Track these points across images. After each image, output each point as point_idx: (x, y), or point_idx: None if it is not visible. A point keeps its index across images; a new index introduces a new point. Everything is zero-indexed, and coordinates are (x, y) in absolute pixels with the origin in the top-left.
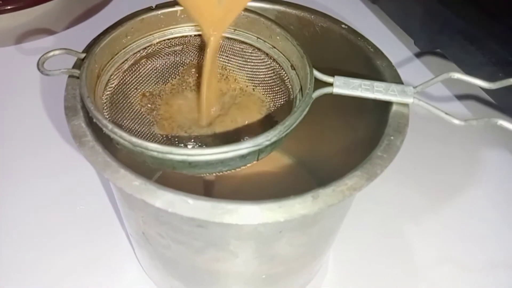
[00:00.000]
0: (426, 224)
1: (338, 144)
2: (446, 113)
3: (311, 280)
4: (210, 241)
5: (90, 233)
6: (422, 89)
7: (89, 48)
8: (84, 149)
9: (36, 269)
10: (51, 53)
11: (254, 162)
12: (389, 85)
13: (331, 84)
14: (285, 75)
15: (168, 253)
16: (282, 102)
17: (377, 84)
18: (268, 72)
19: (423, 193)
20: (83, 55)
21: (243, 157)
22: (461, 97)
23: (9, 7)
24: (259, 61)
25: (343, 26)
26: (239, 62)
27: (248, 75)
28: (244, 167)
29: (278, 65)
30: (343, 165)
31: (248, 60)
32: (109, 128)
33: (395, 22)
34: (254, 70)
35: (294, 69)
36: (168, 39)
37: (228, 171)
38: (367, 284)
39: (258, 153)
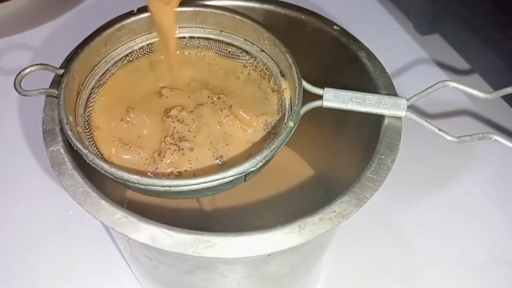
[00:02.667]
0: (422, 220)
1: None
2: (439, 129)
3: (306, 285)
4: (198, 265)
5: (80, 238)
6: (416, 101)
7: (67, 64)
8: (63, 179)
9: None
10: (28, 70)
11: (242, 183)
12: (381, 98)
13: (320, 97)
14: (274, 83)
15: (158, 272)
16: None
17: (368, 96)
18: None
19: (418, 186)
20: (61, 71)
21: (229, 182)
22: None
23: None
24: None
25: (335, 27)
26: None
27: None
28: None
29: (266, 71)
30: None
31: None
32: (89, 158)
33: (395, 5)
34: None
35: (283, 76)
36: (151, 44)
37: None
38: (362, 282)
39: (244, 177)
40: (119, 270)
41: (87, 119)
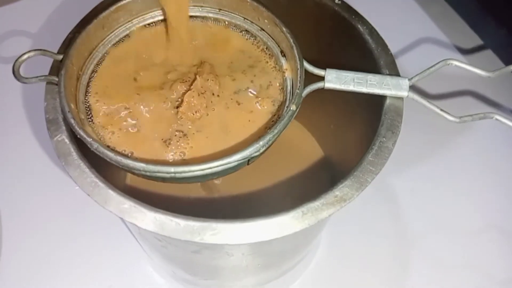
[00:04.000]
0: (418, 189)
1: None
2: (441, 109)
3: (305, 257)
4: (205, 247)
5: (89, 215)
6: (418, 80)
7: (65, 49)
8: (70, 170)
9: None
10: (25, 56)
11: (245, 166)
12: (384, 78)
13: (322, 78)
14: (275, 63)
15: (166, 251)
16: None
17: (370, 77)
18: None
19: (415, 156)
20: (60, 56)
21: (233, 167)
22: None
23: None
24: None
25: (337, 1)
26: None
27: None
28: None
29: (267, 50)
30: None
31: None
32: (94, 147)
33: None
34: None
35: (284, 56)
36: (149, 24)
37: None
38: (358, 250)
39: (248, 161)
40: (130, 244)
41: (87, 104)
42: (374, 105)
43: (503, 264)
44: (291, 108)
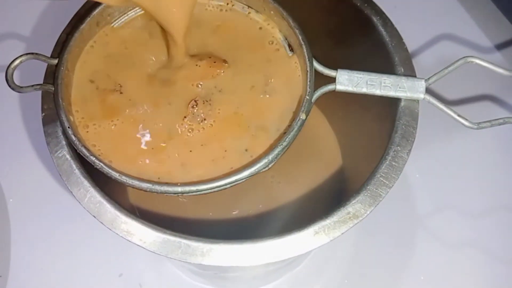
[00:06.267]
0: (425, 169)
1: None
2: (459, 115)
3: None
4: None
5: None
6: (436, 81)
7: (59, 53)
8: (74, 189)
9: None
10: (17, 61)
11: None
12: (399, 79)
13: (333, 79)
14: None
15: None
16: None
17: (385, 78)
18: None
19: (422, 136)
20: (55, 61)
21: (240, 181)
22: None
23: None
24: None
25: None
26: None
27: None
28: None
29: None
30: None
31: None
32: (98, 166)
33: None
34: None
35: (292, 50)
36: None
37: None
38: (365, 230)
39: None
40: None
41: None
42: (388, 104)
43: (511, 245)
44: (301, 117)
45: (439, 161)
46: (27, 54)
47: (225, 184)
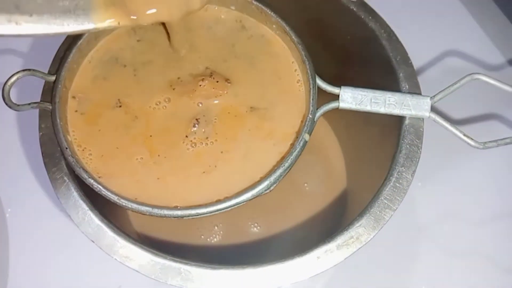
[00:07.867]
0: (427, 178)
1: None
2: (464, 134)
3: None
4: None
5: None
6: (441, 99)
7: (57, 70)
8: (72, 213)
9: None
10: (14, 78)
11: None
12: (403, 97)
13: (336, 96)
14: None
15: None
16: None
17: (389, 96)
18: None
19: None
20: (52, 78)
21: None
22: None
23: None
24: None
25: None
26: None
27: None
28: None
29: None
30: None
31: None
32: (97, 189)
33: None
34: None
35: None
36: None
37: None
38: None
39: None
40: None
41: None
42: (392, 121)
43: None
44: (304, 138)
45: (441, 169)
46: (24, 70)
47: (226, 207)
